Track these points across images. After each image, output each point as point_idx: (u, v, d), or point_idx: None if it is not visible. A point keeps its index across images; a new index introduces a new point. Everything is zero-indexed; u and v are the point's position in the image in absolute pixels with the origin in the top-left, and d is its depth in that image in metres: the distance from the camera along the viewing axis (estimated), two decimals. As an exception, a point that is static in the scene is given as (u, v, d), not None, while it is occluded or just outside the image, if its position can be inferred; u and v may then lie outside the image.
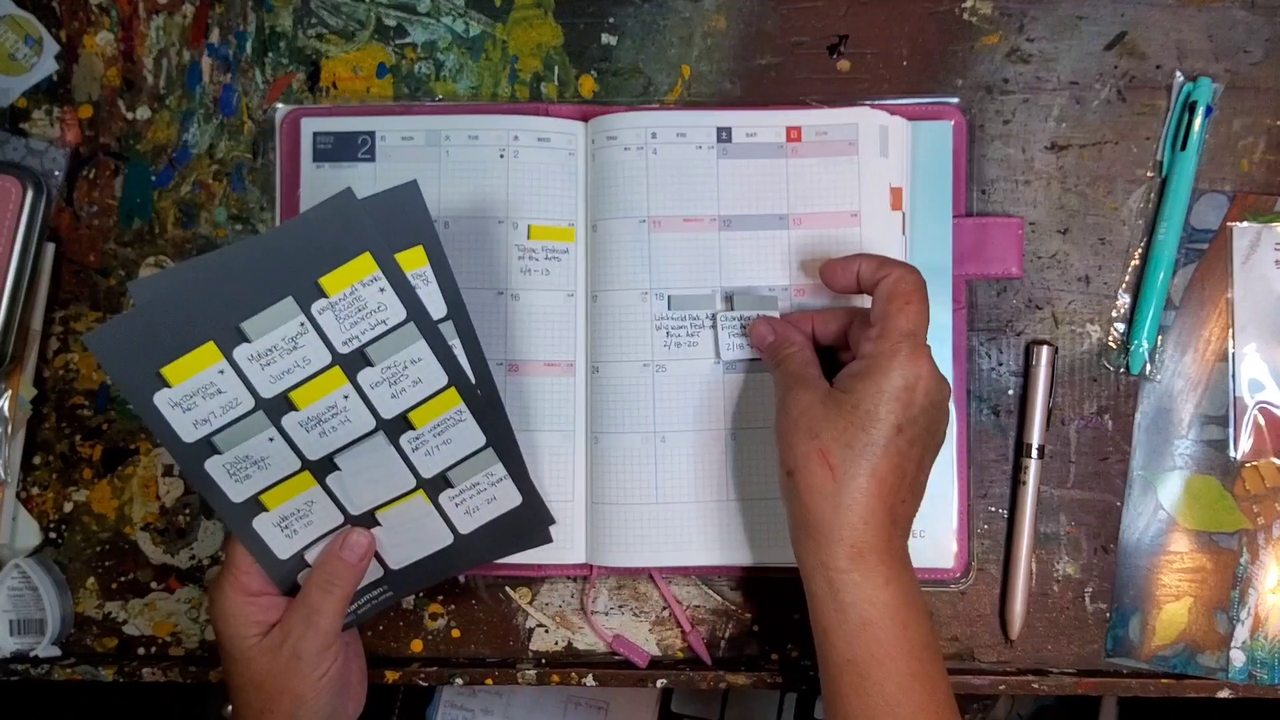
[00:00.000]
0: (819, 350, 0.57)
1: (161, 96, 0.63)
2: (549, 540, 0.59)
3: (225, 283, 0.50)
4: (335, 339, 0.52)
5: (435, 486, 0.56)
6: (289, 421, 0.52)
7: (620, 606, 0.63)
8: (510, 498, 0.57)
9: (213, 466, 0.53)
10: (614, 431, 0.60)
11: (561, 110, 0.62)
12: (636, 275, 0.60)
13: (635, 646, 0.62)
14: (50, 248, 0.63)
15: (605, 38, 0.63)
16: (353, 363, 0.52)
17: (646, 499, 0.60)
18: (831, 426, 0.51)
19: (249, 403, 0.52)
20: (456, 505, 0.56)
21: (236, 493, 0.53)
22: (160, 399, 0.51)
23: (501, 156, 0.60)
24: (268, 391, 0.52)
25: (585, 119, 0.61)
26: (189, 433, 0.52)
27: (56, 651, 0.62)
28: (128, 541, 0.63)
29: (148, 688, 0.63)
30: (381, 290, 0.51)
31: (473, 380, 0.54)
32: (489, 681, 0.62)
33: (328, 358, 0.52)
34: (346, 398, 0.53)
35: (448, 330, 0.53)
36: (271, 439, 0.53)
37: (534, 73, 0.63)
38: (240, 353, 0.51)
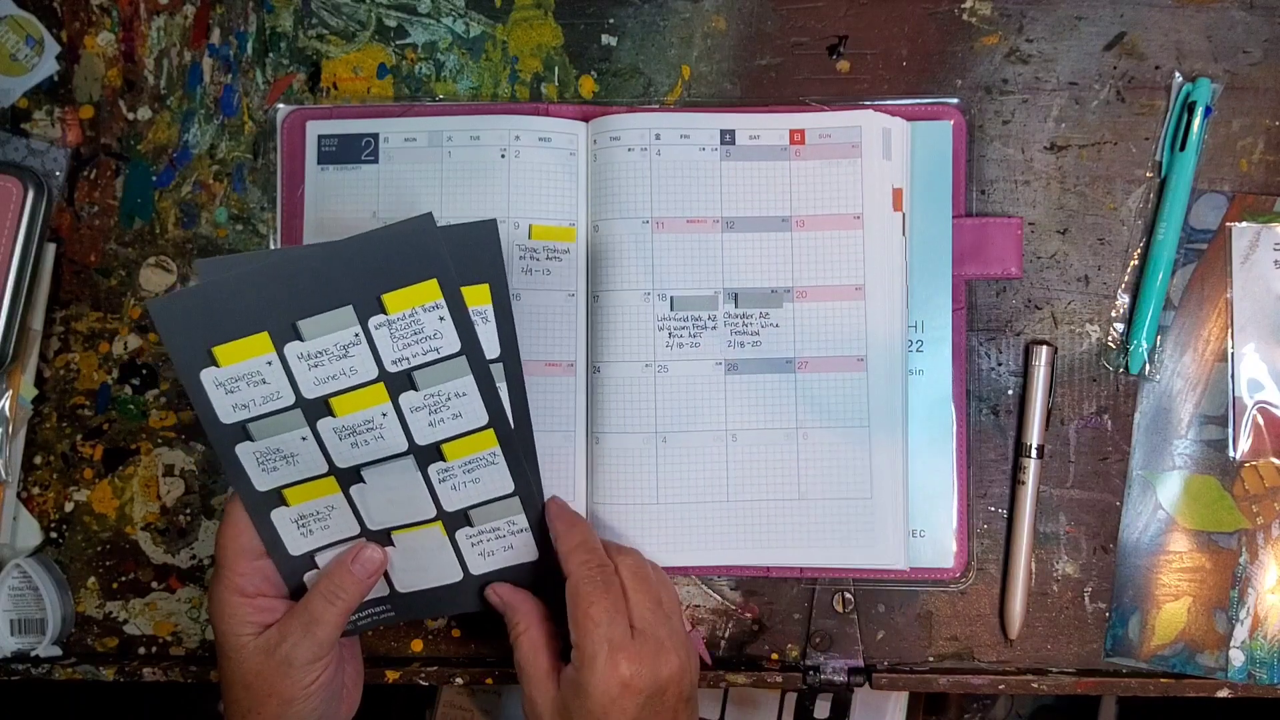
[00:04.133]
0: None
1: (162, 97, 0.63)
2: (558, 595, 0.59)
3: (292, 279, 0.50)
4: (386, 356, 0.52)
5: (454, 521, 0.56)
6: (324, 425, 0.53)
7: (620, 606, 0.63)
8: (528, 551, 0.57)
9: (243, 451, 0.53)
10: (615, 431, 0.60)
11: (562, 110, 0.62)
12: (639, 276, 0.60)
13: (635, 646, 0.62)
14: (51, 248, 0.63)
15: (605, 38, 0.63)
16: (398, 383, 0.53)
17: (647, 499, 0.60)
18: None
19: (289, 398, 0.52)
20: (472, 545, 0.57)
21: (261, 481, 0.54)
22: (207, 376, 0.52)
23: (503, 157, 0.61)
24: (310, 392, 0.52)
25: (586, 119, 0.61)
26: (227, 414, 0.52)
27: (57, 651, 0.62)
28: (128, 541, 0.63)
29: (148, 687, 0.64)
30: (441, 319, 0.52)
31: (513, 426, 0.54)
32: (489, 681, 0.62)
33: (374, 372, 0.52)
34: (385, 415, 0.53)
35: (496, 373, 0.54)
36: (304, 438, 0.53)
37: (534, 73, 0.63)
38: (291, 349, 0.51)
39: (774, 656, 0.63)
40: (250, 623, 0.54)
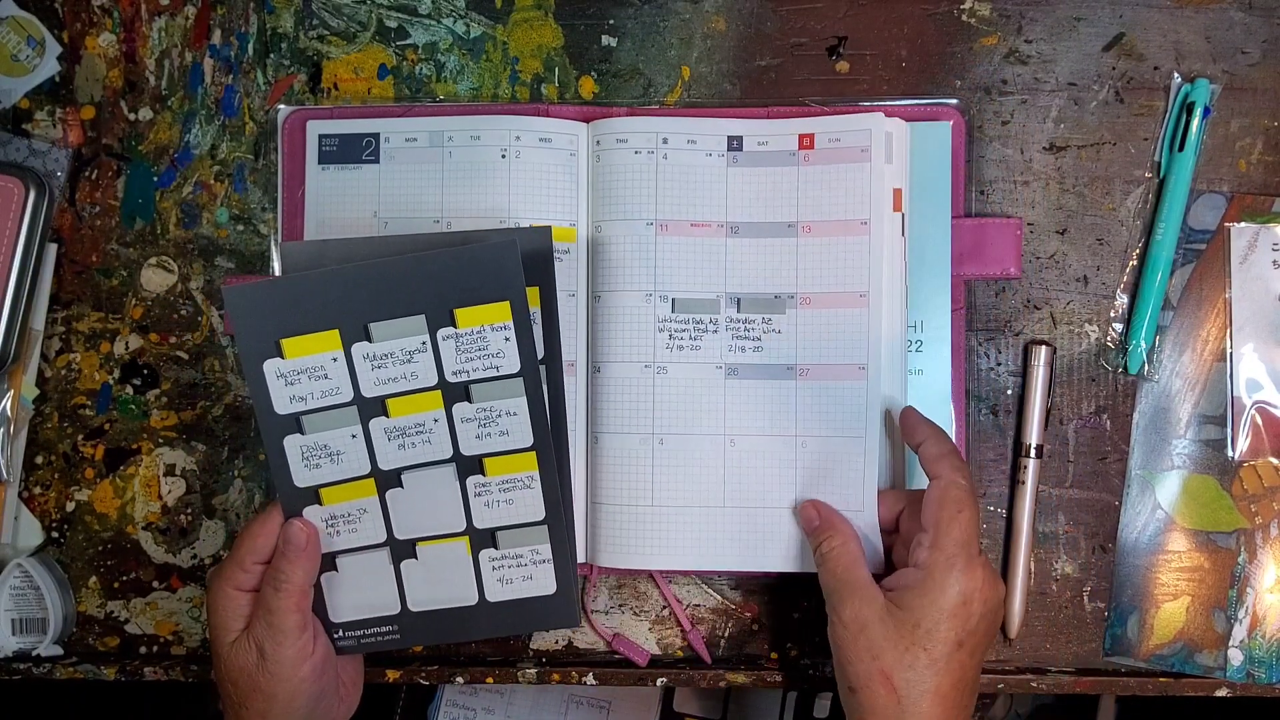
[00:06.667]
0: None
1: (163, 97, 0.64)
2: (570, 624, 0.59)
3: (372, 284, 0.52)
4: (448, 366, 0.54)
5: (481, 540, 0.57)
6: (376, 424, 0.55)
7: (620, 605, 0.63)
8: (546, 584, 0.57)
9: (290, 444, 0.55)
10: (613, 432, 0.60)
11: (563, 111, 0.62)
12: (641, 277, 0.60)
13: (635, 645, 0.62)
14: (52, 248, 0.63)
15: (605, 39, 0.63)
16: (454, 392, 0.54)
17: (643, 501, 0.60)
18: (892, 648, 0.51)
19: (348, 395, 0.54)
20: (494, 569, 0.57)
21: (301, 477, 0.55)
22: (270, 366, 0.53)
23: (503, 157, 0.61)
24: (369, 391, 0.54)
25: (586, 120, 0.62)
26: (283, 405, 0.54)
27: (59, 650, 0.62)
28: (129, 541, 0.63)
29: (149, 686, 0.64)
30: (506, 340, 0.54)
31: (550, 427, 0.55)
32: (490, 680, 0.62)
33: (434, 380, 0.54)
34: (436, 421, 0.55)
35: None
36: (354, 435, 0.55)
37: (534, 74, 0.63)
38: (359, 349, 0.53)
39: (774, 656, 0.63)
40: (241, 617, 0.54)
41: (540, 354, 0.56)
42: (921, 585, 0.51)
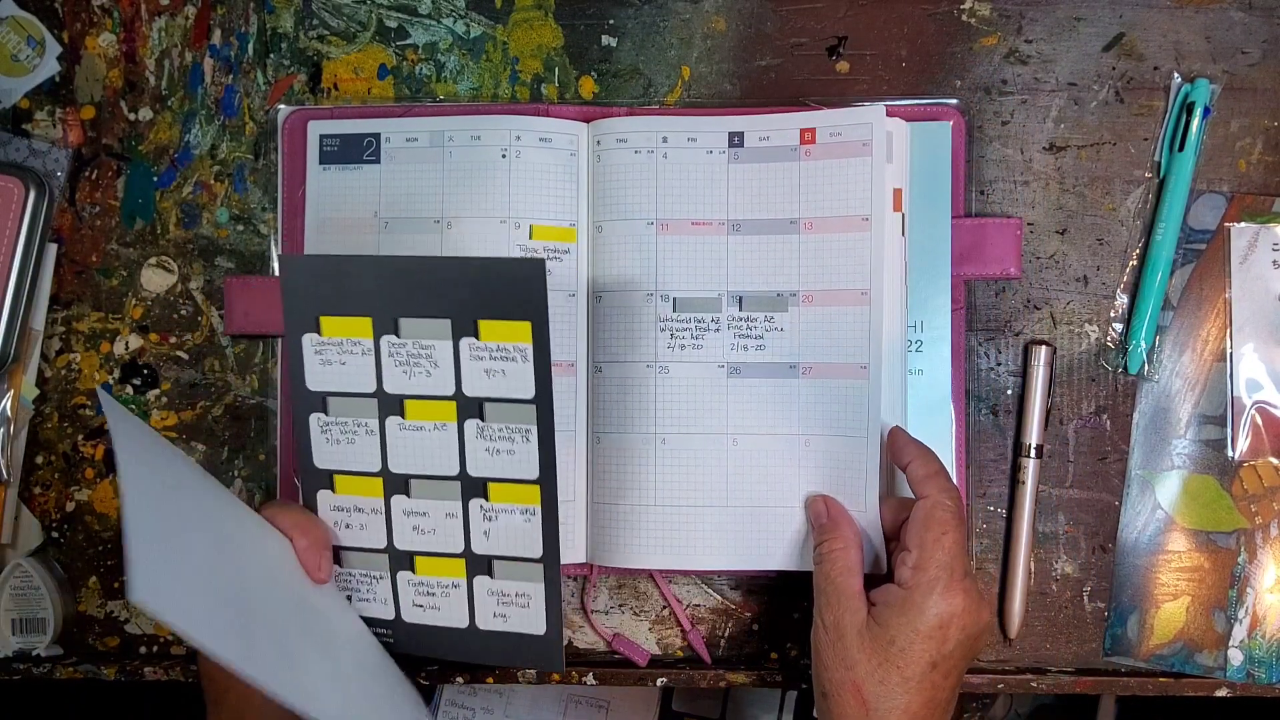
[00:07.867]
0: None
1: (163, 97, 0.64)
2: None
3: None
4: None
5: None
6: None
7: (620, 605, 0.63)
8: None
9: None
10: (615, 432, 0.60)
11: (563, 111, 0.62)
12: (642, 277, 0.60)
13: (635, 645, 0.62)
14: (52, 248, 0.63)
15: (605, 39, 0.63)
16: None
17: (646, 501, 0.60)
18: (866, 661, 0.51)
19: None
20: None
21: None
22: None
23: (504, 157, 0.61)
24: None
25: (586, 120, 0.62)
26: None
27: (58, 650, 0.62)
28: (130, 541, 0.63)
29: (149, 686, 0.64)
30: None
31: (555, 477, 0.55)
32: (490, 680, 0.62)
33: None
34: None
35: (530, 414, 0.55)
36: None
37: (534, 74, 0.63)
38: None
39: (773, 655, 0.63)
40: None
41: (532, 392, 0.55)
42: (901, 604, 0.51)
